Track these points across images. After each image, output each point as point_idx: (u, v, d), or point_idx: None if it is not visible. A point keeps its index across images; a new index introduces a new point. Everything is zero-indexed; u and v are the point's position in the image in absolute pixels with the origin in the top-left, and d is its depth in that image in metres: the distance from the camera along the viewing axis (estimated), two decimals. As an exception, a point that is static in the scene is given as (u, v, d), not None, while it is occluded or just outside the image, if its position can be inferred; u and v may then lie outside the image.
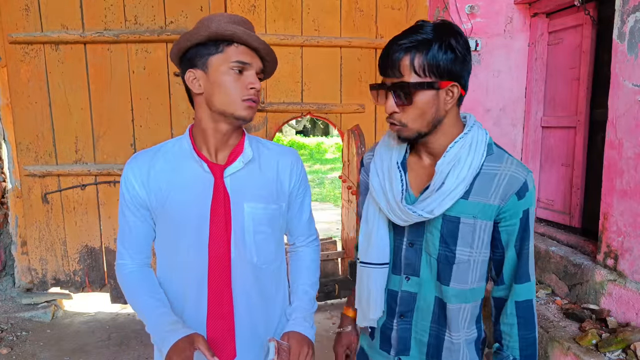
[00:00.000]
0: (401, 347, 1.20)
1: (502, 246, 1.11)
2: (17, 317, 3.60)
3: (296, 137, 20.05)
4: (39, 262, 3.83)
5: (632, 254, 2.29)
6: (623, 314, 2.29)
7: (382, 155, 1.16)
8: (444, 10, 3.43)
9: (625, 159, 2.32)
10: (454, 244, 1.09)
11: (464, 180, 1.04)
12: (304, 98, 3.88)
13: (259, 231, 1.25)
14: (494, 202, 1.06)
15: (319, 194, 10.22)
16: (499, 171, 1.06)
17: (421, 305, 1.16)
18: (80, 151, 3.72)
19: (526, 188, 1.06)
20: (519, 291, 1.12)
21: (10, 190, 3.82)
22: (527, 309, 1.12)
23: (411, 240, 1.15)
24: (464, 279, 1.11)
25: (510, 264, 1.12)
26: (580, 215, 3.03)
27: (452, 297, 1.12)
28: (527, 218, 1.09)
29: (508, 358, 1.14)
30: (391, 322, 1.20)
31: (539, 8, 3.30)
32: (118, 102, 3.67)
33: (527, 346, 1.13)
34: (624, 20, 2.33)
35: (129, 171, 1.22)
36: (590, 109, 2.96)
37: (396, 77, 1.03)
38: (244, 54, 1.15)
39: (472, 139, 1.07)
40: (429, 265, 1.14)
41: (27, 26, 3.55)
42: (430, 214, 1.05)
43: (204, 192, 1.21)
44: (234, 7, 3.67)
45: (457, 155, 1.05)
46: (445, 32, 1.01)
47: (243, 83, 1.15)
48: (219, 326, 1.25)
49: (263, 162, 1.28)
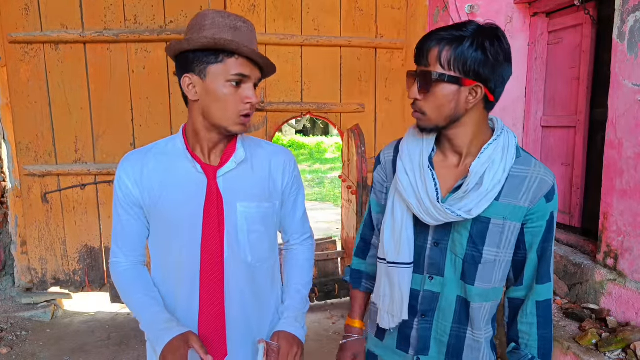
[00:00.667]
0: (421, 346, 1.20)
1: (526, 248, 1.13)
2: (17, 317, 3.60)
3: (296, 137, 20.04)
4: (39, 261, 3.83)
5: (632, 254, 2.29)
6: (623, 313, 2.29)
7: (411, 152, 1.14)
8: (443, 10, 3.43)
9: (625, 158, 2.32)
10: (482, 244, 1.10)
11: (499, 182, 1.05)
12: (303, 98, 3.88)
13: (253, 230, 1.25)
14: (524, 204, 1.08)
15: (318, 193, 10.22)
16: (528, 174, 1.08)
17: (443, 304, 1.17)
18: (80, 151, 3.72)
19: (554, 191, 1.09)
20: (540, 291, 1.14)
21: (10, 189, 3.82)
22: (547, 308, 1.15)
23: (437, 240, 1.15)
24: (488, 279, 1.12)
25: (532, 265, 1.14)
26: (580, 215, 3.03)
27: (476, 297, 1.13)
28: (552, 220, 1.11)
29: (527, 357, 1.15)
30: (412, 321, 1.20)
31: (539, 8, 3.30)
32: (118, 102, 3.67)
33: (545, 344, 1.16)
34: (624, 20, 2.33)
35: (122, 170, 1.22)
36: (590, 108, 2.96)
37: (423, 66, 1.04)
38: (244, 66, 1.14)
39: (504, 142, 1.08)
40: (453, 265, 1.14)
41: (26, 26, 3.55)
42: (468, 214, 1.05)
43: (197, 193, 1.21)
44: (234, 6, 3.67)
45: (491, 157, 1.06)
46: (483, 34, 1.01)
47: (240, 97, 1.14)
48: (210, 325, 1.25)
49: (255, 162, 1.27)
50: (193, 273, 1.23)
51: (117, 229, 1.27)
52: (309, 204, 9.03)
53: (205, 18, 1.13)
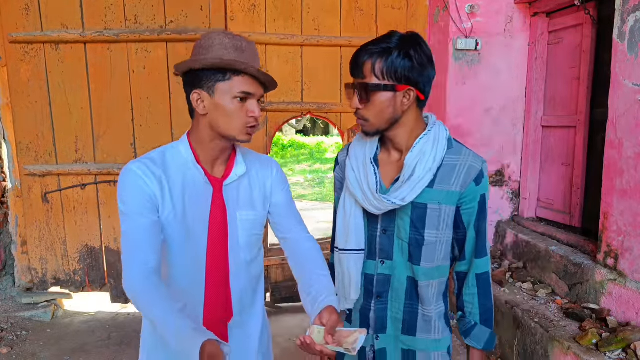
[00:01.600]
0: (379, 325, 1.33)
1: (464, 227, 1.27)
2: (17, 317, 3.61)
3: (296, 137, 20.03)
4: (39, 261, 3.83)
5: (632, 254, 2.29)
6: (623, 313, 2.29)
7: (357, 153, 1.30)
8: (444, 9, 3.43)
9: (625, 158, 2.32)
10: (422, 227, 1.24)
11: (430, 170, 1.19)
12: (304, 97, 3.88)
13: (251, 234, 1.37)
14: (455, 188, 1.21)
15: (319, 193, 10.22)
16: (458, 162, 1.22)
17: (395, 285, 1.31)
18: (80, 151, 3.72)
19: (482, 175, 1.23)
20: (478, 265, 1.29)
21: (11, 189, 3.82)
22: (485, 280, 1.30)
23: (384, 228, 1.29)
24: (431, 258, 1.26)
25: (471, 241, 1.28)
26: (581, 215, 3.03)
27: (422, 275, 1.27)
28: (483, 201, 1.25)
29: (470, 323, 1.32)
30: (369, 303, 1.34)
31: (539, 7, 3.30)
32: (118, 102, 3.67)
33: (486, 311, 1.31)
34: (624, 20, 2.33)
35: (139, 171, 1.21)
36: (591, 108, 2.96)
37: (360, 78, 1.19)
38: (249, 85, 1.22)
39: (434, 135, 1.22)
40: (400, 249, 1.28)
41: (27, 26, 3.55)
42: (402, 201, 1.19)
43: (203, 201, 1.29)
44: (234, 6, 3.67)
45: (422, 149, 1.20)
46: (407, 43, 1.15)
47: (245, 111, 1.23)
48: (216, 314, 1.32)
49: (252, 173, 1.38)
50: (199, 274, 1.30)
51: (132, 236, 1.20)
52: (310, 204, 9.04)
53: (213, 39, 1.22)
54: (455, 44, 3.36)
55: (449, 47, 3.39)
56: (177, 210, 1.26)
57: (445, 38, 3.44)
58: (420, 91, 1.19)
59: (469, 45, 3.35)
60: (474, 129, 3.48)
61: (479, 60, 3.41)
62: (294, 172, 13.42)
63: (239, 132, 1.23)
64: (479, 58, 3.41)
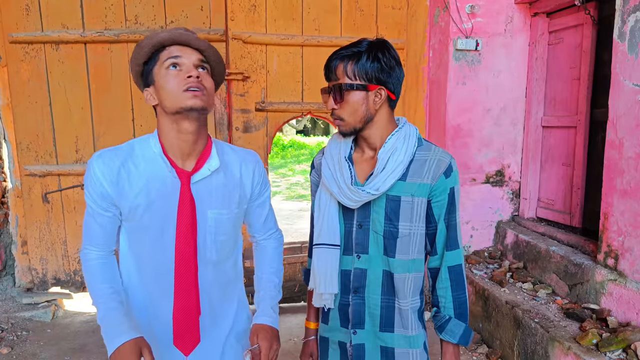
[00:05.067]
0: (356, 320, 1.36)
1: (435, 220, 1.31)
2: (18, 317, 3.60)
3: (296, 137, 20.03)
4: (40, 261, 3.83)
5: (632, 254, 2.29)
6: (623, 313, 2.29)
7: (332, 152, 1.36)
8: (444, 10, 3.43)
9: (625, 158, 2.32)
10: (396, 220, 1.28)
11: (401, 163, 1.25)
12: (304, 97, 3.88)
13: (221, 233, 1.33)
14: (427, 181, 1.27)
15: (319, 193, 10.20)
16: (428, 157, 1.29)
17: (371, 279, 1.33)
18: (80, 151, 3.72)
19: (451, 169, 1.29)
20: (450, 257, 1.32)
21: (11, 190, 3.82)
22: (458, 272, 1.33)
23: (360, 222, 1.33)
24: (406, 250, 1.30)
25: (442, 234, 1.32)
26: (581, 215, 3.03)
27: (398, 267, 1.30)
28: (453, 194, 1.30)
29: (445, 317, 1.33)
30: (347, 298, 1.36)
31: (540, 8, 3.30)
32: (118, 102, 3.67)
33: (460, 305, 1.33)
34: (624, 20, 2.33)
35: (97, 167, 1.23)
36: (591, 108, 2.96)
37: (334, 80, 1.28)
38: (175, 51, 1.21)
39: (405, 132, 1.29)
40: (376, 242, 1.31)
41: (27, 26, 3.55)
42: (377, 191, 1.24)
43: (171, 196, 1.26)
44: (234, 6, 3.67)
45: (394, 145, 1.27)
46: (375, 47, 1.25)
47: (181, 77, 1.19)
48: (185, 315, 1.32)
49: (227, 169, 1.34)
50: (167, 269, 1.29)
51: (88, 222, 1.30)
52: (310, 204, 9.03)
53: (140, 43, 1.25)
54: (456, 44, 3.36)
55: (449, 47, 3.39)
56: (140, 201, 1.24)
57: (445, 38, 3.44)
58: (390, 91, 1.27)
59: (469, 46, 3.35)
60: (474, 129, 3.48)
61: (479, 61, 3.41)
62: (294, 172, 13.42)
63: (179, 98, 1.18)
64: (479, 58, 3.41)
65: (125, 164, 1.24)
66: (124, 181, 1.23)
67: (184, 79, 1.18)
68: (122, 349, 1.14)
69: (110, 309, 1.22)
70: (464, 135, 3.44)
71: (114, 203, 1.26)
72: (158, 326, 1.32)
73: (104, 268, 1.30)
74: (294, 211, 8.44)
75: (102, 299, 1.24)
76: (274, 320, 1.39)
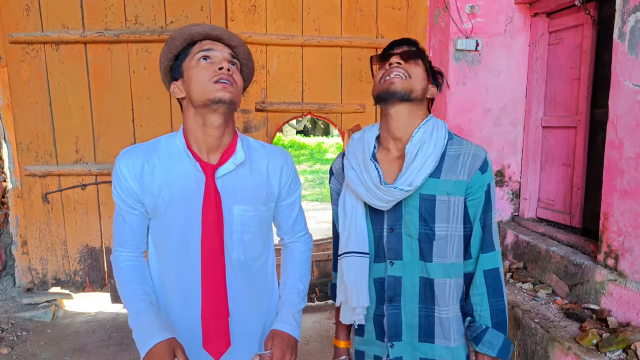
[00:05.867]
0: (392, 332, 1.25)
1: (471, 221, 1.21)
2: (18, 317, 3.61)
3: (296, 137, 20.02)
4: (40, 262, 3.83)
5: (632, 254, 2.29)
6: (623, 313, 2.29)
7: (355, 152, 1.27)
8: (444, 10, 3.43)
9: (625, 158, 2.32)
10: (432, 221, 1.19)
11: (432, 155, 1.17)
12: (304, 98, 3.88)
13: (247, 231, 1.29)
14: (462, 177, 1.18)
15: (319, 193, 10.22)
16: (462, 151, 1.20)
17: (407, 287, 1.23)
18: (80, 151, 3.72)
19: (487, 164, 1.20)
20: (485, 260, 1.21)
21: (11, 190, 3.82)
22: (495, 277, 1.20)
23: (391, 225, 1.22)
24: (444, 254, 1.20)
25: (477, 235, 1.22)
26: (581, 215, 3.03)
27: (437, 272, 1.20)
28: (489, 191, 1.21)
29: (481, 327, 1.19)
30: (381, 308, 1.26)
31: (540, 8, 3.30)
32: (118, 102, 3.67)
33: (498, 314, 1.20)
34: (624, 20, 2.33)
35: (123, 164, 1.23)
36: (591, 108, 2.96)
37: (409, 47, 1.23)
38: (206, 44, 1.21)
39: (432, 125, 1.22)
40: (410, 247, 1.21)
41: (27, 26, 3.55)
42: (410, 186, 1.15)
43: (195, 191, 1.23)
44: (234, 7, 3.67)
45: (421, 138, 1.19)
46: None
47: (211, 69, 1.19)
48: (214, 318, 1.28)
49: (253, 164, 1.29)
50: (194, 269, 1.25)
51: (118, 222, 1.29)
52: (310, 204, 9.04)
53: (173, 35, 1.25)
54: (456, 44, 3.36)
55: (449, 48, 3.39)
56: (163, 196, 1.22)
57: (445, 38, 3.44)
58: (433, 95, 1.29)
59: (469, 46, 3.35)
60: (474, 129, 3.48)
61: (479, 61, 3.41)
62: (294, 172, 13.39)
63: (209, 89, 1.16)
64: (479, 58, 3.41)
65: (149, 160, 1.24)
66: (147, 176, 1.23)
67: (215, 71, 1.18)
68: (155, 351, 1.12)
69: (141, 311, 1.21)
70: (463, 135, 3.43)
71: (139, 200, 1.24)
72: (186, 330, 1.28)
73: (135, 270, 1.29)
74: (294, 211, 8.42)
75: (132, 301, 1.23)
76: (293, 329, 1.32)
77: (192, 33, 1.21)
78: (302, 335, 3.36)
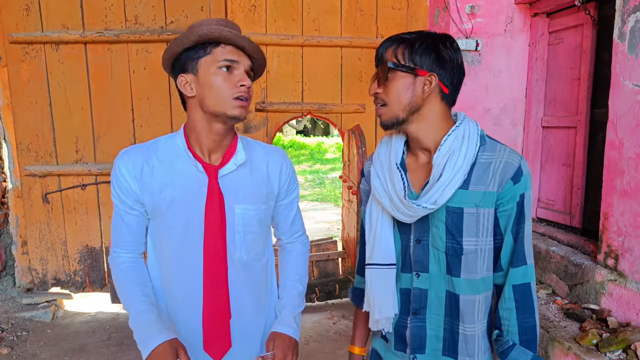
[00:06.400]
0: (416, 345, 1.21)
1: (501, 232, 1.14)
2: (18, 317, 3.61)
3: (296, 137, 20.02)
4: (40, 262, 3.83)
5: (632, 254, 2.29)
6: (623, 313, 2.29)
7: (381, 158, 1.20)
8: (444, 10, 3.43)
9: (625, 159, 2.32)
10: (459, 235, 1.11)
11: (461, 169, 1.08)
12: (304, 98, 3.88)
13: (249, 231, 1.29)
14: (492, 189, 1.09)
15: (319, 193, 10.22)
16: (493, 159, 1.10)
17: (433, 300, 1.18)
18: (80, 151, 3.72)
19: (521, 173, 1.10)
20: (515, 274, 1.13)
21: (11, 190, 3.82)
22: (525, 292, 1.13)
23: (418, 237, 1.17)
24: (473, 269, 1.13)
25: (507, 247, 1.14)
26: (581, 215, 3.03)
27: (464, 288, 1.14)
28: (523, 202, 1.11)
29: (508, 343, 1.14)
30: (405, 320, 1.22)
31: (540, 8, 3.30)
32: (118, 102, 3.68)
33: (527, 331, 1.13)
34: (624, 20, 2.33)
35: (122, 164, 1.22)
36: (591, 109, 2.96)
37: (381, 64, 1.13)
38: (231, 53, 1.17)
39: (464, 131, 1.11)
40: (437, 260, 1.16)
41: (27, 26, 3.55)
42: (434, 204, 1.08)
43: (197, 192, 1.22)
44: (234, 7, 3.67)
45: (451, 147, 1.09)
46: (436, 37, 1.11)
47: (232, 82, 1.16)
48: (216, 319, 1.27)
49: (254, 163, 1.30)
50: (195, 270, 1.25)
51: (116, 223, 1.28)
52: (310, 204, 9.03)
53: (194, 24, 1.20)
54: (456, 44, 3.36)
55: (449, 48, 3.39)
56: (164, 196, 1.22)
57: (445, 38, 3.44)
58: (443, 83, 1.10)
59: (469, 46, 3.35)
60: (474, 129, 3.48)
61: (479, 61, 3.41)
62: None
63: (227, 105, 1.16)
64: (479, 58, 3.41)
65: (149, 160, 1.23)
66: (147, 176, 1.22)
67: (236, 87, 1.16)
68: (157, 352, 1.11)
69: (142, 312, 1.20)
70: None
71: (139, 200, 1.24)
72: (187, 332, 1.28)
73: (134, 271, 1.28)
74: (294, 211, 8.42)
75: (133, 302, 1.22)
76: (294, 331, 1.32)
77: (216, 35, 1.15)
78: (302, 336, 3.36)
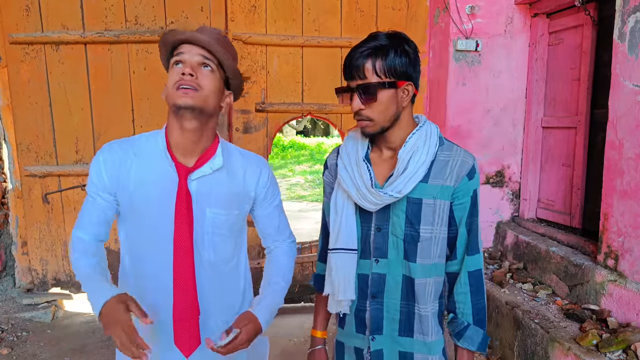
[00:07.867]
0: (374, 326, 1.32)
1: (456, 224, 1.27)
2: (18, 318, 3.60)
3: (296, 138, 20.03)
4: (40, 262, 3.83)
5: (632, 255, 2.29)
6: (623, 314, 2.29)
7: (349, 152, 1.31)
8: (444, 10, 3.43)
9: (625, 159, 2.32)
10: (417, 223, 1.24)
11: (423, 164, 1.20)
12: (304, 98, 3.88)
13: (218, 233, 1.32)
14: (449, 183, 1.23)
15: (319, 194, 10.23)
16: (451, 158, 1.24)
17: (390, 284, 1.29)
18: (80, 151, 3.72)
19: (474, 171, 1.25)
20: (470, 262, 1.28)
21: (11, 190, 3.82)
22: (478, 277, 1.28)
23: (379, 225, 1.28)
24: (427, 255, 1.26)
25: (462, 238, 1.28)
26: (581, 216, 3.03)
27: (418, 273, 1.26)
28: (475, 196, 1.26)
29: (463, 324, 1.28)
30: (364, 304, 1.32)
31: (540, 8, 3.30)
32: (118, 103, 3.67)
33: (479, 311, 1.28)
34: (624, 21, 2.33)
35: (101, 157, 1.27)
36: (591, 109, 2.96)
37: (361, 79, 1.17)
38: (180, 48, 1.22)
39: (426, 131, 1.24)
40: (395, 246, 1.27)
41: (27, 26, 3.55)
42: (399, 193, 1.20)
43: (170, 191, 1.26)
44: (234, 7, 3.67)
45: (415, 144, 1.22)
46: (399, 39, 1.18)
47: (177, 73, 1.19)
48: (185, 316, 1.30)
49: (231, 170, 1.33)
50: (166, 266, 1.28)
51: (83, 208, 1.32)
52: (310, 204, 9.04)
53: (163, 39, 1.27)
54: (456, 44, 3.36)
55: (449, 48, 3.39)
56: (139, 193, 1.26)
57: (445, 39, 3.44)
58: (415, 86, 1.22)
59: (469, 46, 3.36)
60: (474, 129, 3.48)
61: (479, 61, 3.41)
62: (294, 172, 13.43)
63: (173, 95, 1.18)
64: (479, 59, 3.41)
65: (129, 157, 1.27)
66: (124, 172, 1.26)
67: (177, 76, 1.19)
68: (106, 311, 1.09)
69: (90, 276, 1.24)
70: (463, 136, 3.44)
71: (111, 193, 1.28)
72: (159, 326, 1.32)
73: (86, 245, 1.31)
74: (293, 212, 8.43)
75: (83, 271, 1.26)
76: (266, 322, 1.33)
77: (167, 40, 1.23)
78: (301, 335, 3.36)
